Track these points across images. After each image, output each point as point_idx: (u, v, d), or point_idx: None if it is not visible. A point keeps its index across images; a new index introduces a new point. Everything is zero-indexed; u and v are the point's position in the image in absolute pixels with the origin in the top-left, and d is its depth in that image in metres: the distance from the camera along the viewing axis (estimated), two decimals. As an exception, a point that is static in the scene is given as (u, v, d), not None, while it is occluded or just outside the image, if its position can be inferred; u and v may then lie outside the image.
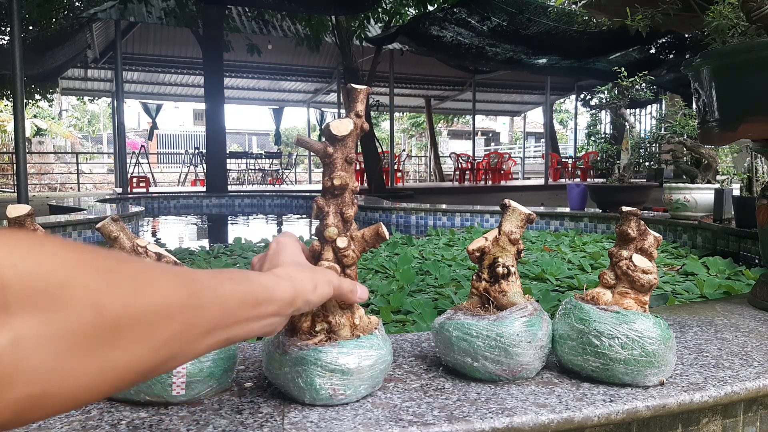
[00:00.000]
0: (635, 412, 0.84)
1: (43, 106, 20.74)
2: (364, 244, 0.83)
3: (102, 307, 0.34)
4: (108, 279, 0.36)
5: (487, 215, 5.22)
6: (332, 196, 0.82)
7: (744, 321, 1.32)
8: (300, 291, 0.58)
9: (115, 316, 0.35)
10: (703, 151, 3.89)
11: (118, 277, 0.36)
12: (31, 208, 0.88)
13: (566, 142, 27.57)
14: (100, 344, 0.34)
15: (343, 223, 0.82)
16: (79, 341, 0.33)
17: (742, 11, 1.63)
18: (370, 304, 2.10)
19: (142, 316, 0.37)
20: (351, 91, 0.82)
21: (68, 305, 0.33)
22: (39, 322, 0.31)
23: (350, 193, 0.83)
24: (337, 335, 0.82)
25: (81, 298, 0.33)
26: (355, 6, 8.81)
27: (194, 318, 0.42)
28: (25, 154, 4.99)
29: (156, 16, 10.38)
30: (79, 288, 0.33)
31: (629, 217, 0.94)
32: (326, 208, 0.82)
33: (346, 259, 0.82)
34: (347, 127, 0.80)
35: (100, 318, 0.34)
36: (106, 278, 0.35)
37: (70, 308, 0.33)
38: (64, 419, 0.79)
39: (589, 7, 9.17)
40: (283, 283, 0.56)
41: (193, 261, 3.13)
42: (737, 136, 1.40)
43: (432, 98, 19.68)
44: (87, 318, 0.33)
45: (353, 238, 0.83)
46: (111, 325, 0.35)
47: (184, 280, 0.43)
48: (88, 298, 0.34)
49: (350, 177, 0.82)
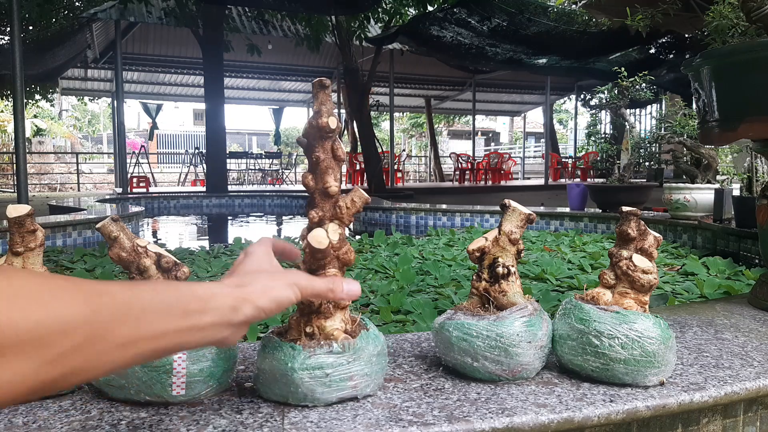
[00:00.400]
0: (635, 412, 0.84)
1: (43, 106, 20.74)
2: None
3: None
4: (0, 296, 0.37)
5: (487, 215, 5.22)
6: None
7: (744, 321, 1.32)
8: (245, 298, 0.56)
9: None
10: (703, 151, 3.89)
11: (11, 296, 0.37)
12: (31, 208, 0.88)
13: (566, 142, 27.56)
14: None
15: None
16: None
17: (742, 11, 1.63)
18: (370, 304, 2.10)
19: (28, 333, 0.38)
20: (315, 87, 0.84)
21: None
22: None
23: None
24: (333, 337, 0.82)
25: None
26: (355, 6, 8.80)
27: (100, 332, 0.42)
28: (25, 154, 4.98)
29: (156, 16, 10.37)
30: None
31: (629, 217, 0.94)
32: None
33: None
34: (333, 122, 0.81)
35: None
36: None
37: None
38: (64, 419, 0.79)
39: (589, 7, 9.17)
40: (223, 291, 0.55)
41: (193, 261, 3.13)
42: (737, 136, 1.40)
43: (432, 98, 19.68)
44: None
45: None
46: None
47: (88, 294, 0.43)
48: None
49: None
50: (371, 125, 11.60)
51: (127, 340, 0.45)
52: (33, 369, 0.38)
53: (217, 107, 10.08)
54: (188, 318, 0.50)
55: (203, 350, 0.83)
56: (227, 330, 0.54)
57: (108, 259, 3.15)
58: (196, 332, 0.51)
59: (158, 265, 0.87)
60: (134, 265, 0.86)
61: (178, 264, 0.88)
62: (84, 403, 0.85)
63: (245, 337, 1.69)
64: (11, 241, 0.88)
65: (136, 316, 0.45)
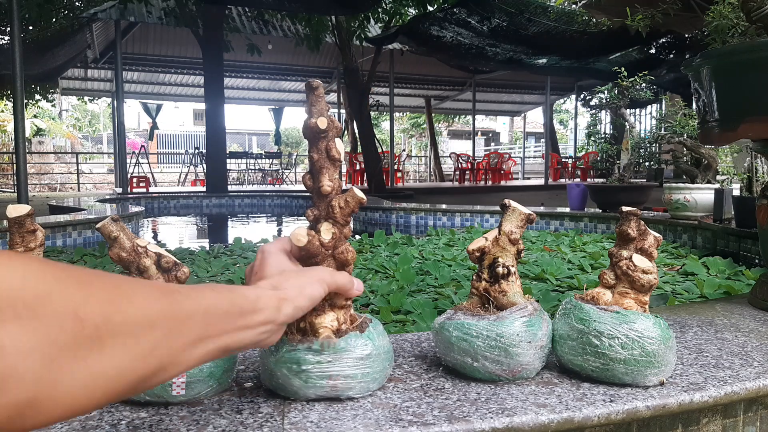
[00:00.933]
0: (635, 412, 0.84)
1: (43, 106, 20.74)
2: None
3: (81, 316, 0.36)
4: (86, 291, 0.38)
5: (487, 215, 5.22)
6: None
7: (744, 321, 1.32)
8: (286, 298, 0.60)
9: (95, 325, 0.37)
10: (703, 151, 3.89)
11: (96, 289, 0.39)
12: (31, 208, 0.88)
13: (566, 142, 27.57)
14: (83, 352, 0.36)
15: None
16: (63, 350, 0.35)
17: (742, 11, 1.63)
18: (370, 304, 2.10)
19: (123, 324, 0.39)
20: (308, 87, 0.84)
21: (49, 315, 0.35)
22: (22, 331, 0.33)
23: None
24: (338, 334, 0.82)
25: (61, 309, 0.35)
26: (355, 6, 8.80)
27: (177, 327, 0.44)
28: (25, 154, 4.98)
29: (156, 16, 10.38)
30: (59, 300, 0.36)
31: (629, 217, 0.94)
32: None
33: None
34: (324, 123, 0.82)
35: (81, 327, 0.36)
36: (84, 290, 0.38)
37: (51, 318, 0.35)
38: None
39: (589, 7, 9.17)
40: (267, 293, 0.58)
41: (193, 261, 3.13)
42: (737, 136, 1.40)
43: (432, 98, 19.68)
44: (68, 327, 0.35)
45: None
46: (92, 333, 0.37)
47: (164, 290, 0.45)
48: (67, 309, 0.36)
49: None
50: (371, 125, 11.60)
51: (199, 336, 0.47)
52: (130, 361, 0.40)
53: (217, 107, 10.08)
54: (244, 317, 0.53)
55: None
56: (272, 330, 0.58)
57: (108, 259, 3.15)
58: (251, 330, 0.54)
59: (158, 265, 0.87)
60: (134, 265, 0.86)
61: (178, 264, 0.88)
62: (84, 403, 0.85)
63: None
64: (11, 241, 0.88)
65: (204, 312, 0.47)
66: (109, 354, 0.38)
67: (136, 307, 0.41)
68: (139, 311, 0.41)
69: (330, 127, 0.82)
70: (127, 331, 0.39)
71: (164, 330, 0.43)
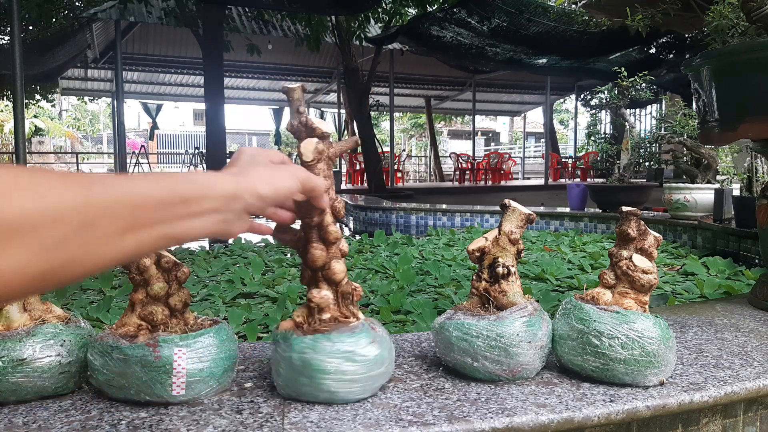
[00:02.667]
0: (635, 412, 0.84)
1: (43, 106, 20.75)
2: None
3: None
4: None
5: (487, 215, 5.22)
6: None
7: (744, 321, 1.32)
8: (245, 185, 0.56)
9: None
10: (703, 151, 3.89)
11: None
12: (31, 208, 0.88)
13: (566, 142, 27.56)
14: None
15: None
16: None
17: (742, 11, 1.63)
18: (370, 304, 2.10)
19: (18, 220, 0.38)
20: (289, 92, 0.85)
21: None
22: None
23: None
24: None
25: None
26: (355, 6, 8.80)
27: (92, 218, 0.43)
28: (25, 153, 4.98)
29: (156, 16, 10.37)
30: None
31: (629, 217, 0.94)
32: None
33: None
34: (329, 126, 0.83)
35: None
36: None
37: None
38: (64, 419, 0.79)
39: (589, 7, 9.17)
40: (223, 178, 0.55)
41: (193, 261, 3.13)
42: (737, 136, 1.40)
43: (432, 98, 19.67)
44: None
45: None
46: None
47: (78, 183, 0.43)
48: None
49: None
50: (371, 125, 11.59)
51: (124, 228, 0.45)
52: (30, 257, 0.39)
53: (217, 107, 10.07)
54: (188, 205, 0.50)
55: (203, 350, 0.83)
56: (229, 217, 0.54)
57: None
58: (196, 218, 0.51)
59: (158, 265, 0.87)
60: (134, 265, 0.86)
61: (178, 264, 0.88)
62: (84, 403, 0.85)
63: (245, 336, 1.69)
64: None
65: (132, 203, 0.46)
66: (4, 251, 0.37)
67: (37, 200, 0.39)
68: (40, 204, 0.39)
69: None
70: (24, 225, 0.38)
71: (73, 223, 0.41)
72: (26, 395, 0.84)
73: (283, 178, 0.62)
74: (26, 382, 0.83)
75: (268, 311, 2.00)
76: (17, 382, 0.82)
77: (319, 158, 0.82)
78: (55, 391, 0.86)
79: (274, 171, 0.62)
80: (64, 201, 0.41)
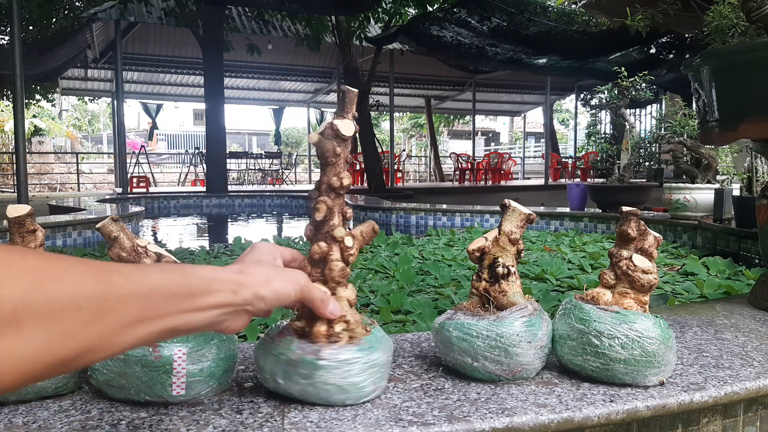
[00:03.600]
0: (635, 412, 0.84)
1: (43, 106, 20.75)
2: (362, 241, 0.84)
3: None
4: (6, 271, 0.38)
5: (487, 215, 5.22)
6: (336, 195, 0.82)
7: (744, 321, 1.32)
8: (247, 283, 0.58)
9: (12, 306, 0.37)
10: (703, 151, 3.89)
11: (17, 271, 0.38)
12: (31, 208, 0.88)
13: (566, 142, 27.56)
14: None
15: (344, 222, 0.83)
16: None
17: (742, 11, 1.63)
18: (370, 304, 2.10)
19: (44, 305, 0.39)
20: (347, 93, 0.83)
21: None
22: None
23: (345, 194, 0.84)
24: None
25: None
26: (355, 6, 8.80)
27: (110, 308, 0.43)
28: (25, 154, 4.98)
29: (156, 16, 10.37)
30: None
31: (629, 217, 0.94)
32: (334, 207, 0.82)
33: (351, 257, 0.82)
34: (351, 128, 0.81)
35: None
36: (4, 270, 0.38)
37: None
38: (64, 419, 0.79)
39: (589, 7, 9.17)
40: (226, 275, 0.56)
41: (193, 261, 3.13)
42: (737, 136, 1.40)
43: (432, 98, 19.68)
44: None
45: (353, 237, 0.83)
46: (9, 315, 0.37)
47: (99, 271, 0.44)
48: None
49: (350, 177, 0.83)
50: (371, 125, 11.59)
51: (136, 319, 0.46)
52: (50, 343, 0.39)
53: (217, 107, 10.07)
54: (193, 299, 0.51)
55: (203, 350, 0.83)
56: (229, 314, 0.56)
57: (108, 258, 3.14)
58: (199, 313, 0.52)
59: (158, 265, 0.87)
60: (134, 265, 0.86)
61: (177, 264, 0.88)
62: (84, 403, 0.85)
63: (245, 336, 1.69)
64: (11, 241, 0.88)
65: (145, 293, 0.47)
66: (27, 336, 0.38)
67: (62, 287, 0.40)
68: (65, 292, 0.40)
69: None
70: (49, 312, 0.39)
71: (93, 311, 0.42)
72: (26, 395, 0.84)
73: (283, 283, 0.63)
74: (26, 382, 0.83)
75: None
76: (17, 382, 0.82)
77: (336, 154, 0.81)
78: (55, 391, 0.86)
79: (276, 273, 0.63)
80: (87, 289, 0.42)
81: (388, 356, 0.85)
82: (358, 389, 0.80)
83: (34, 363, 0.39)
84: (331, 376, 0.78)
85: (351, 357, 0.79)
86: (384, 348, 0.83)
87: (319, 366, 0.78)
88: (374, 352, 0.81)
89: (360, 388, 0.80)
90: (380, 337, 0.84)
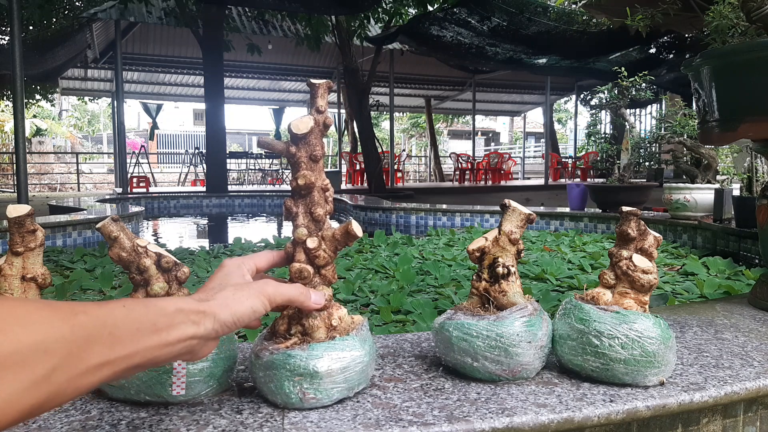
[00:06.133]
0: (635, 412, 0.84)
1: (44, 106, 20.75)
2: (336, 243, 0.82)
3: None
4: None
5: (487, 215, 5.22)
6: (300, 196, 0.81)
7: (744, 321, 1.32)
8: (208, 311, 0.58)
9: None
10: (703, 151, 3.89)
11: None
12: (31, 208, 0.88)
13: (566, 142, 27.56)
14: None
15: (314, 222, 0.82)
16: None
17: (742, 11, 1.63)
18: (370, 304, 2.10)
19: (12, 353, 0.38)
20: (311, 87, 0.82)
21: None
22: None
23: (320, 192, 0.82)
24: (311, 338, 0.81)
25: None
26: (355, 6, 8.81)
27: (78, 350, 0.43)
28: (25, 154, 4.98)
29: (156, 16, 10.38)
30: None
31: (629, 217, 0.94)
32: (294, 208, 0.81)
33: (317, 259, 0.81)
34: (307, 124, 0.80)
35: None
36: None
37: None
38: (64, 419, 0.79)
39: (589, 7, 9.16)
40: (188, 306, 0.57)
41: (193, 261, 3.13)
42: (737, 136, 1.40)
43: (432, 98, 19.68)
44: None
45: (324, 238, 0.82)
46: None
47: (65, 313, 0.43)
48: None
49: (317, 175, 0.81)
50: (371, 125, 11.59)
51: (103, 359, 0.45)
52: (22, 390, 0.39)
53: (217, 107, 10.07)
54: (158, 334, 0.51)
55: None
56: (194, 344, 0.56)
57: (108, 259, 3.15)
58: (165, 348, 0.52)
59: (158, 265, 0.87)
60: (134, 265, 0.86)
61: (178, 264, 0.88)
62: (84, 403, 0.85)
63: (246, 337, 1.69)
64: (11, 241, 0.88)
65: (110, 333, 0.46)
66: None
67: (29, 333, 0.39)
68: (32, 338, 0.39)
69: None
70: (18, 359, 0.38)
71: (62, 355, 0.41)
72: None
73: (245, 300, 0.63)
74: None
75: (268, 311, 2.00)
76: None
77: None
78: (55, 391, 0.86)
79: (237, 294, 0.63)
80: (53, 332, 0.41)
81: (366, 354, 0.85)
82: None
83: (6, 411, 0.38)
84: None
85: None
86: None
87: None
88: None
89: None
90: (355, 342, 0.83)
